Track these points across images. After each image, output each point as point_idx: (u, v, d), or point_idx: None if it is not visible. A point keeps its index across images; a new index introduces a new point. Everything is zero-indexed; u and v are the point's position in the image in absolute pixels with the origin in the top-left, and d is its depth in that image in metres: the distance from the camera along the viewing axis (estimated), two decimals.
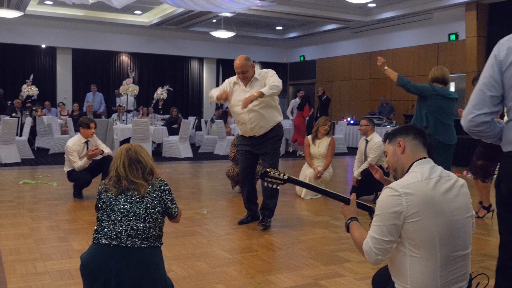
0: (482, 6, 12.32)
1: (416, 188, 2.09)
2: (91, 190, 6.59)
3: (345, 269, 3.85)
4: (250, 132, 4.94)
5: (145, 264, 2.51)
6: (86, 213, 5.58)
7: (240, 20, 16.14)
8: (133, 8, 15.04)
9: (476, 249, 4.35)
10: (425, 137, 2.29)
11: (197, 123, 15.09)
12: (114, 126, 11.03)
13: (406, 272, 2.12)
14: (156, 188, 2.64)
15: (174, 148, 11.55)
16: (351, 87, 16.92)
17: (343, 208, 2.43)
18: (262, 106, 4.85)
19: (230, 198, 6.74)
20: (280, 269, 3.87)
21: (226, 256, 4.14)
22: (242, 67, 4.83)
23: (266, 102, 4.86)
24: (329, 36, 17.77)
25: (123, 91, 11.73)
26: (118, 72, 17.67)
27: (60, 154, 10.21)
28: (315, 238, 4.73)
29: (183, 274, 3.67)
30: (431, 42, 13.91)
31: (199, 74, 19.39)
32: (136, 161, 2.66)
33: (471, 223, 2.22)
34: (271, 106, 4.94)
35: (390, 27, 15.13)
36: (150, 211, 2.57)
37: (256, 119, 4.86)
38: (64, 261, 3.90)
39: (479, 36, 12.37)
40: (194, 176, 9.11)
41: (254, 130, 4.91)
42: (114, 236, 2.51)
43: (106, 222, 2.55)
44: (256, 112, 4.84)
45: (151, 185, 2.64)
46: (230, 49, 18.77)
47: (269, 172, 2.64)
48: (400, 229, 2.09)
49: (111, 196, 2.59)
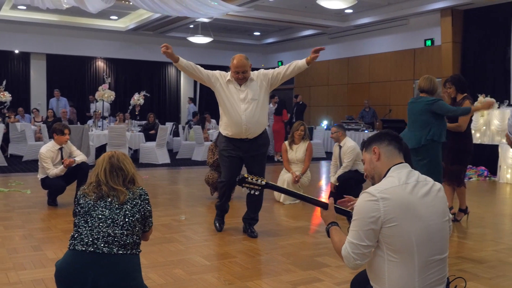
0: (457, 12, 12.54)
1: (393, 193, 2.09)
2: (66, 198, 6.47)
3: (323, 274, 3.84)
4: (244, 134, 4.75)
5: (121, 272, 2.47)
6: (61, 221, 5.47)
7: (218, 26, 16.13)
8: (109, 13, 14.90)
9: (453, 252, 4.39)
10: (400, 143, 2.31)
11: (174, 129, 14.99)
12: (90, 133, 10.89)
13: (384, 276, 2.12)
14: (137, 196, 2.62)
15: (151, 154, 11.45)
16: (329, 92, 17.03)
17: (322, 213, 2.44)
18: (259, 106, 4.73)
19: (208, 204, 6.69)
20: (259, 275, 3.84)
21: (204, 262, 4.10)
22: (244, 66, 4.65)
23: (262, 102, 4.75)
24: (307, 42, 17.87)
25: (99, 97, 11.59)
26: (93, 78, 17.48)
27: (34, 161, 10.02)
28: (294, 244, 4.71)
29: (161, 281, 3.61)
30: (407, 47, 14.10)
31: (176, 79, 19.29)
32: (117, 168, 2.64)
33: (448, 226, 2.23)
34: (265, 108, 4.84)
35: (367, 33, 15.29)
36: (129, 219, 2.54)
37: (252, 120, 4.69)
38: (38, 271, 3.81)
39: (454, 41, 12.59)
40: (171, 182, 9.03)
41: (249, 131, 4.73)
42: (91, 242, 2.47)
43: (83, 228, 2.51)
44: (252, 112, 4.69)
45: (132, 193, 2.61)
46: (207, 55, 18.74)
47: (246, 178, 2.61)
48: (377, 234, 2.09)
49: (89, 201, 2.56)
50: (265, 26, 16.57)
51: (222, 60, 19.35)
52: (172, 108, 19.16)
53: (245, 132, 4.74)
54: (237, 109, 4.69)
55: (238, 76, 4.69)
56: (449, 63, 12.62)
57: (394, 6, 13.31)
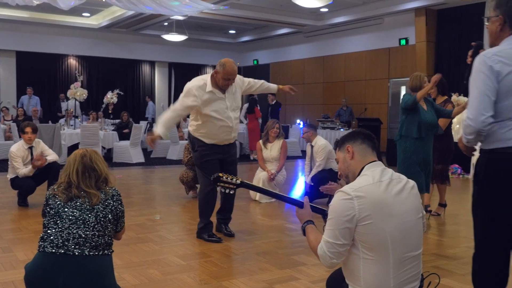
0: (431, 12, 12.72)
1: (368, 191, 2.10)
2: (37, 198, 6.33)
3: (300, 272, 3.83)
4: (231, 140, 4.69)
5: (93, 273, 2.42)
6: (32, 222, 5.35)
7: (193, 24, 16.03)
8: (80, 10, 14.66)
9: (427, 249, 4.44)
10: (373, 141, 2.32)
11: (149, 128, 14.83)
12: (62, 132, 10.68)
13: (359, 274, 2.13)
14: (109, 196, 2.56)
15: (125, 153, 11.30)
16: (305, 91, 17.10)
17: (297, 212, 2.44)
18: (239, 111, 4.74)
19: (184, 204, 6.63)
20: (235, 274, 3.81)
21: (179, 262, 4.05)
22: (235, 73, 4.50)
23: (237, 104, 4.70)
24: (282, 40, 17.91)
25: (71, 95, 11.39)
26: (65, 76, 17.19)
27: (4, 160, 9.79)
28: (270, 242, 4.69)
29: (135, 282, 3.55)
30: (382, 46, 14.25)
31: (150, 77, 19.10)
32: (90, 168, 2.56)
33: (422, 223, 2.26)
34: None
35: (342, 32, 15.40)
36: (101, 219, 2.48)
37: (237, 126, 4.68)
38: (8, 273, 3.71)
39: (428, 41, 12.77)
40: (146, 181, 8.93)
41: (234, 137, 4.71)
42: (61, 244, 2.41)
43: (53, 229, 2.44)
44: (237, 119, 4.68)
45: (104, 193, 2.55)
46: (182, 53, 18.61)
47: (221, 177, 2.57)
48: (353, 232, 2.10)
49: (59, 202, 2.48)
50: (241, 24, 16.54)
51: (197, 58, 19.27)
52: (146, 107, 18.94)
53: (232, 138, 4.69)
54: (226, 119, 4.54)
55: (229, 83, 4.50)
56: (423, 62, 12.79)
57: (369, 5, 13.43)
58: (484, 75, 2.35)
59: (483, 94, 2.34)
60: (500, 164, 2.36)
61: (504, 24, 2.45)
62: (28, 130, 6.06)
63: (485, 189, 2.42)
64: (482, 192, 2.43)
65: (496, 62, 2.35)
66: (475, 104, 2.35)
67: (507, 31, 2.45)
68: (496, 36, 2.49)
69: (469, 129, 2.37)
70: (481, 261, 2.50)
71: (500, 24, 2.46)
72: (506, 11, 2.44)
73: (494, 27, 2.49)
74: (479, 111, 2.33)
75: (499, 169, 2.36)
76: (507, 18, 2.44)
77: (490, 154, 2.40)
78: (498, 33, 2.48)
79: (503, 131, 2.36)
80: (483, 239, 2.48)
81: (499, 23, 2.46)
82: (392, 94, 14.14)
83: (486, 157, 2.43)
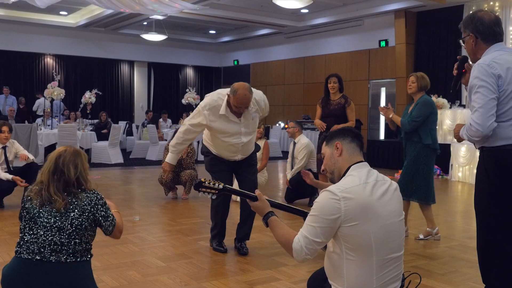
0: (410, 14, 12.85)
1: (354, 193, 2.09)
2: (13, 199, 6.20)
3: (281, 273, 3.81)
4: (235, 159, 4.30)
5: (71, 280, 2.36)
6: (8, 224, 5.23)
7: (172, 23, 15.91)
8: (58, 9, 14.43)
9: (407, 249, 4.45)
10: (362, 141, 2.32)
11: (128, 128, 14.68)
12: (39, 132, 10.49)
13: (342, 274, 2.12)
14: (86, 202, 2.42)
15: (103, 154, 11.15)
16: (285, 91, 17.12)
17: (254, 205, 2.37)
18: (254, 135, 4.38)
19: (163, 205, 6.56)
20: (215, 275, 3.78)
21: (159, 264, 4.00)
22: (248, 102, 4.04)
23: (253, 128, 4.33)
24: (263, 41, 17.90)
25: (48, 95, 11.20)
26: (42, 75, 16.88)
27: None
28: (251, 243, 4.66)
29: (114, 284, 3.50)
30: (362, 48, 14.33)
31: (129, 77, 18.90)
32: (60, 171, 2.43)
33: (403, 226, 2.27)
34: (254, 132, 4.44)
35: (322, 33, 15.46)
36: (77, 227, 2.38)
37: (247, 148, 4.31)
38: None
39: (408, 43, 12.89)
40: (125, 182, 8.82)
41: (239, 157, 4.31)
42: (37, 250, 2.33)
43: (28, 235, 2.37)
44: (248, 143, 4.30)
45: (78, 199, 2.42)
46: (162, 53, 18.47)
47: (203, 182, 2.49)
48: (334, 232, 2.09)
49: (34, 207, 2.39)
50: (221, 25, 16.48)
51: (177, 58, 19.14)
52: (125, 107, 18.76)
53: (239, 158, 4.33)
54: (235, 143, 4.21)
55: (240, 110, 4.10)
56: (402, 63, 12.91)
57: (349, 6, 13.50)
58: (486, 83, 2.62)
59: (488, 101, 2.61)
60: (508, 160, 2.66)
61: (476, 40, 2.74)
62: (5, 129, 5.93)
63: (496, 183, 2.68)
64: (493, 186, 2.69)
65: (495, 68, 2.63)
66: (482, 111, 2.62)
67: (482, 45, 2.75)
68: (474, 52, 2.78)
69: (477, 133, 2.64)
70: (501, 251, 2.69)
71: (473, 41, 2.75)
72: (474, 28, 2.73)
73: (469, 45, 2.79)
74: (487, 117, 2.61)
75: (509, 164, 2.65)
76: (477, 34, 2.73)
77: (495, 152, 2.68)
78: (475, 49, 2.77)
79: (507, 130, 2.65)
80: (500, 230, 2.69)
81: (472, 40, 2.76)
82: (372, 95, 14.24)
83: (492, 154, 2.70)
